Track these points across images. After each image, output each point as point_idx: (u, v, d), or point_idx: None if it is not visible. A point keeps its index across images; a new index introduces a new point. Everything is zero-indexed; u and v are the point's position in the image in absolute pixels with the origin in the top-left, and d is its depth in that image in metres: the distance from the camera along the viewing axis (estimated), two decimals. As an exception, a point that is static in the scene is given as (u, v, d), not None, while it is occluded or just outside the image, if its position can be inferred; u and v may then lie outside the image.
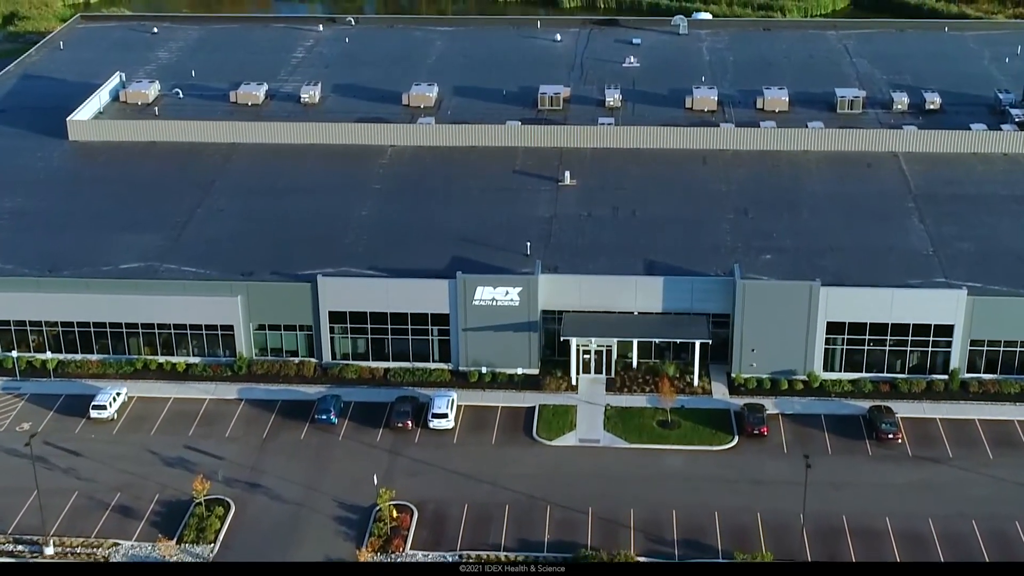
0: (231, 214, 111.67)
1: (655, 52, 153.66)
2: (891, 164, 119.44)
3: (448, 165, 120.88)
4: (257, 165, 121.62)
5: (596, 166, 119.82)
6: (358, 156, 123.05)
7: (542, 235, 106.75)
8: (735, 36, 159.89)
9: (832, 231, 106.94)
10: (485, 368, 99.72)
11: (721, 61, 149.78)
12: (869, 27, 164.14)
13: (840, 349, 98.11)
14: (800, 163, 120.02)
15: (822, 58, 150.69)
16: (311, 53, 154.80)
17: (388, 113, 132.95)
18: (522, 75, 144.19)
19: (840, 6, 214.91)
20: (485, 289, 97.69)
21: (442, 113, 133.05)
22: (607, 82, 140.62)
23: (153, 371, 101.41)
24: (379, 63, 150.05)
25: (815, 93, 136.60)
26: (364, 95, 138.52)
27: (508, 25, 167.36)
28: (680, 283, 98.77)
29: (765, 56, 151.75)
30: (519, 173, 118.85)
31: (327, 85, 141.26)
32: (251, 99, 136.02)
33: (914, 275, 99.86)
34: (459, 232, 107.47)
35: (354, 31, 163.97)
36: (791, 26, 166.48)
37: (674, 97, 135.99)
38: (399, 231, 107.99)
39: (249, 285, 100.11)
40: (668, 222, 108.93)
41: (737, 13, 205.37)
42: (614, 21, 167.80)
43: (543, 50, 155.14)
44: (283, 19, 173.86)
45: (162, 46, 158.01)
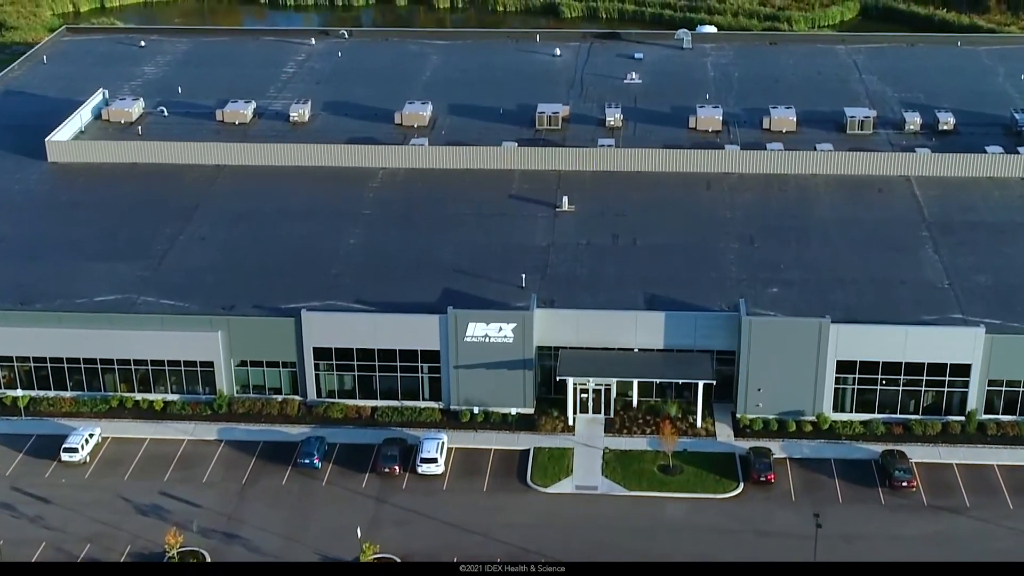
0: (213, 242, 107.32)
1: (658, 67, 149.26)
2: (903, 189, 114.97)
3: (441, 189, 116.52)
4: (242, 188, 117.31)
5: (596, 190, 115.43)
6: (348, 179, 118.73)
7: (538, 265, 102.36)
8: (740, 50, 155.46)
9: (842, 262, 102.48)
10: (477, 408, 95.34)
11: (726, 77, 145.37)
12: (879, 41, 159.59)
13: (851, 389, 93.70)
14: (808, 187, 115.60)
15: (831, 74, 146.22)
16: (302, 68, 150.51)
17: (380, 133, 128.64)
18: (520, 92, 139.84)
19: (849, 17, 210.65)
20: (477, 325, 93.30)
21: (436, 133, 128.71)
22: (608, 100, 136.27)
23: (129, 409, 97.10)
24: (372, 79, 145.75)
25: (824, 112, 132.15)
26: (356, 113, 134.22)
27: (506, 38, 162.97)
28: (683, 319, 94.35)
29: (772, 72, 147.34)
30: (515, 198, 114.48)
31: (318, 102, 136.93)
32: (238, 118, 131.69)
33: (929, 310, 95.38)
34: (451, 262, 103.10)
35: (347, 45, 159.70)
36: (798, 40, 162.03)
37: (677, 116, 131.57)
38: (388, 261, 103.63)
39: (230, 320, 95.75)
40: (670, 251, 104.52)
41: (743, 24, 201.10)
42: (615, 35, 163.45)
43: (542, 65, 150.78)
44: (275, 32, 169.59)
45: (149, 60, 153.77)
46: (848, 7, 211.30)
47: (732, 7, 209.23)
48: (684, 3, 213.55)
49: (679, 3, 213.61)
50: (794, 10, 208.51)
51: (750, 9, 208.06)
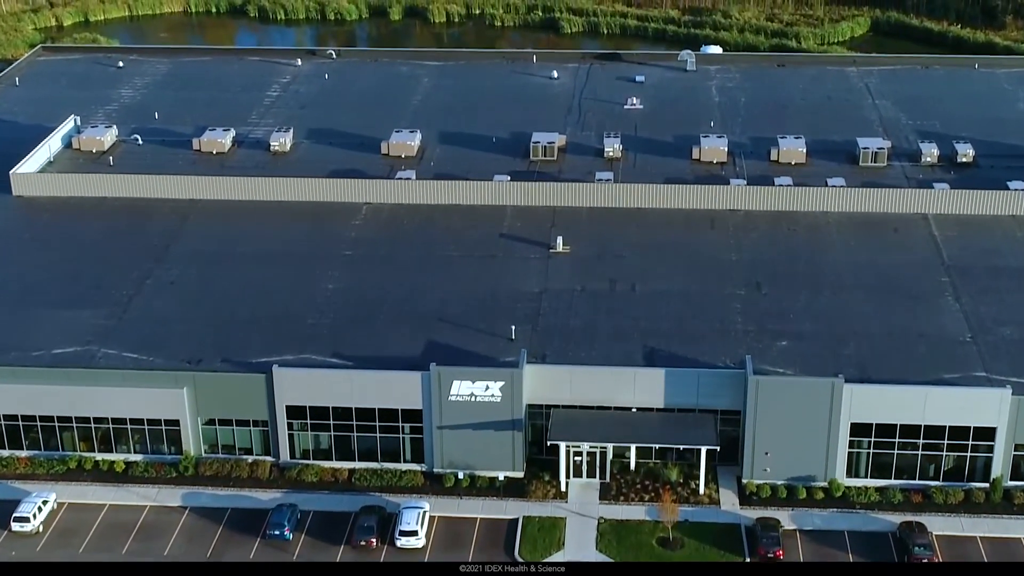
0: (183, 286, 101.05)
1: (660, 92, 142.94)
2: (921, 229, 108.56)
3: (428, 227, 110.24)
4: (217, 226, 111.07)
5: (592, 229, 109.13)
6: (329, 215, 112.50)
7: (529, 315, 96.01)
8: (747, 73, 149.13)
9: (856, 312, 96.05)
10: (462, 471, 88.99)
11: (732, 102, 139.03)
12: (892, 63, 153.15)
13: (866, 453, 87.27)
14: (819, 227, 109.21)
15: (841, 99, 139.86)
16: (287, 91, 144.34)
17: (365, 164, 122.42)
18: (514, 118, 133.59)
19: (859, 32, 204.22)
20: (462, 383, 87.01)
21: (424, 164, 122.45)
22: (607, 128, 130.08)
23: (89, 471, 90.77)
24: (359, 103, 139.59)
25: (835, 142, 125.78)
26: (340, 142, 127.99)
27: (501, 59, 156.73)
28: (684, 376, 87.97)
29: (780, 96, 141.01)
30: (507, 237, 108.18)
31: (301, 130, 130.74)
32: (216, 147, 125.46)
33: (950, 367, 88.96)
34: (436, 310, 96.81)
35: (335, 65, 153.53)
36: (807, 61, 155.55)
37: (680, 146, 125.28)
38: (369, 309, 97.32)
39: (196, 376, 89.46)
40: (671, 299, 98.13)
41: (749, 40, 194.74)
42: (616, 55, 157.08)
43: (538, 89, 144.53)
44: (259, 51, 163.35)
45: (127, 82, 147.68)
46: (858, 23, 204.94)
47: (738, 23, 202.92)
48: (688, 19, 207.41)
49: (683, 18, 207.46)
50: (802, 26, 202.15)
51: (757, 25, 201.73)
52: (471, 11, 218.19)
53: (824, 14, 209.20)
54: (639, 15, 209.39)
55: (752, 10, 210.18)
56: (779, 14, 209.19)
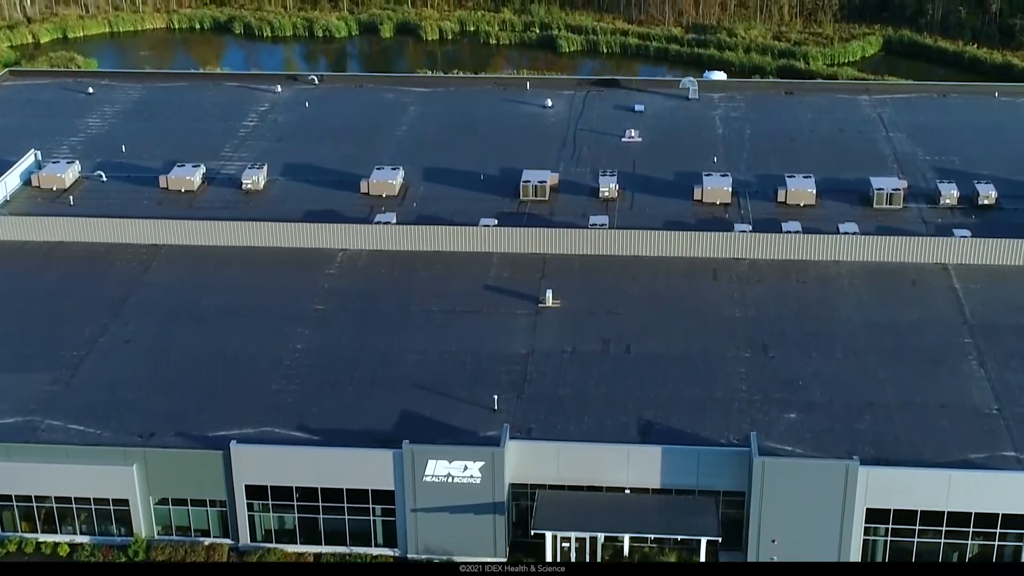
0: (139, 346, 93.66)
1: (660, 122, 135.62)
2: (940, 281, 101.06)
3: (408, 277, 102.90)
4: (180, 275, 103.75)
5: (585, 280, 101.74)
6: (302, 263, 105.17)
7: (515, 380, 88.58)
8: (753, 101, 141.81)
9: (871, 378, 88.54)
10: (438, 557, 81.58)
11: (736, 134, 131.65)
12: (906, 91, 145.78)
13: (883, 541, 79.84)
14: (830, 278, 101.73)
15: (853, 131, 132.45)
16: (264, 121, 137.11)
17: (344, 204, 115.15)
18: (504, 152, 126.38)
19: (870, 52, 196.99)
20: (438, 463, 79.66)
21: (407, 205, 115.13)
22: (603, 164, 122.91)
23: (30, 554, 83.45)
24: (340, 135, 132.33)
25: (846, 181, 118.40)
26: (318, 179, 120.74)
27: (492, 85, 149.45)
28: (683, 455, 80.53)
29: (787, 127, 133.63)
30: (492, 289, 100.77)
31: (276, 165, 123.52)
32: (184, 185, 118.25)
33: (975, 445, 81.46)
34: (413, 375, 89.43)
35: (317, 92, 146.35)
36: (817, 89, 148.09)
37: (681, 184, 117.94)
38: (340, 373, 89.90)
39: (147, 452, 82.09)
40: (670, 362, 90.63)
41: (755, 61, 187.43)
42: (614, 82, 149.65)
43: (531, 119, 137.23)
44: (237, 77, 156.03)
45: (95, 110, 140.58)
46: (870, 42, 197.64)
47: (744, 41, 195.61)
48: (692, 37, 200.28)
49: (686, 37, 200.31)
50: (811, 45, 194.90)
51: (764, 44, 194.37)
52: (465, 28, 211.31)
53: (834, 32, 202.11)
54: (640, 33, 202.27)
55: (758, 27, 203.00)
56: (787, 32, 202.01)
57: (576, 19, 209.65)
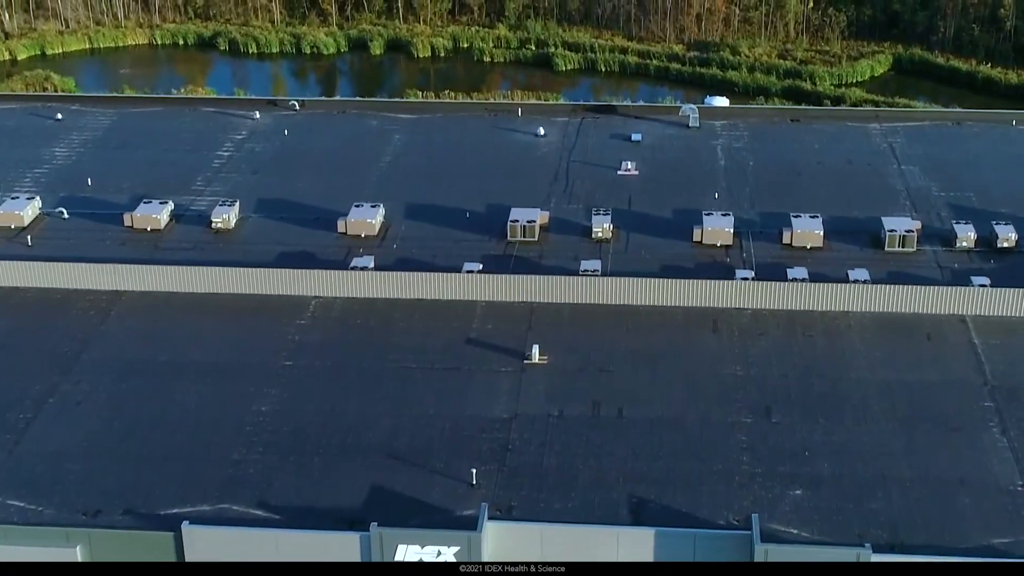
0: (90, 408, 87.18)
1: (658, 153, 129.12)
2: (958, 335, 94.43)
3: (385, 328, 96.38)
4: (140, 326, 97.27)
5: (575, 332, 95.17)
6: (272, 311, 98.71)
7: (496, 450, 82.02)
8: (756, 130, 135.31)
9: (883, 449, 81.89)
10: (411, 649, 75.06)
11: (739, 166, 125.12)
12: (918, 118, 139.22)
13: (898, 635, 73.12)
14: (839, 331, 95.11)
15: (863, 164, 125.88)
16: (240, 150, 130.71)
17: (319, 245, 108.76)
18: (493, 186, 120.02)
19: (879, 71, 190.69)
20: (409, 548, 73.11)
21: (387, 246, 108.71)
22: (597, 200, 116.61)
23: (-36, 643, 77.07)
24: (320, 166, 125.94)
25: (856, 219, 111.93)
26: (293, 216, 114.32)
27: (483, 111, 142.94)
28: (678, 538, 73.93)
29: (793, 159, 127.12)
30: (475, 343, 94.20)
31: (250, 200, 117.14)
32: (150, 223, 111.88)
33: (999, 528, 74.87)
34: (386, 442, 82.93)
35: (297, 118, 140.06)
36: (824, 116, 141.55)
37: (679, 223, 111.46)
38: (306, 440, 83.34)
39: (92, 533, 75.54)
40: (665, 429, 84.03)
41: (760, 82, 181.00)
42: (610, 108, 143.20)
43: (522, 149, 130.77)
44: (215, 101, 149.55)
45: (63, 138, 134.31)
46: (879, 61, 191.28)
47: (748, 60, 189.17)
48: (694, 55, 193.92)
49: (688, 55, 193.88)
50: (818, 64, 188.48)
51: (768, 63, 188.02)
52: (458, 45, 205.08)
53: (842, 50, 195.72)
54: (640, 51, 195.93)
55: (763, 45, 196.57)
56: (792, 50, 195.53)
57: (574, 35, 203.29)
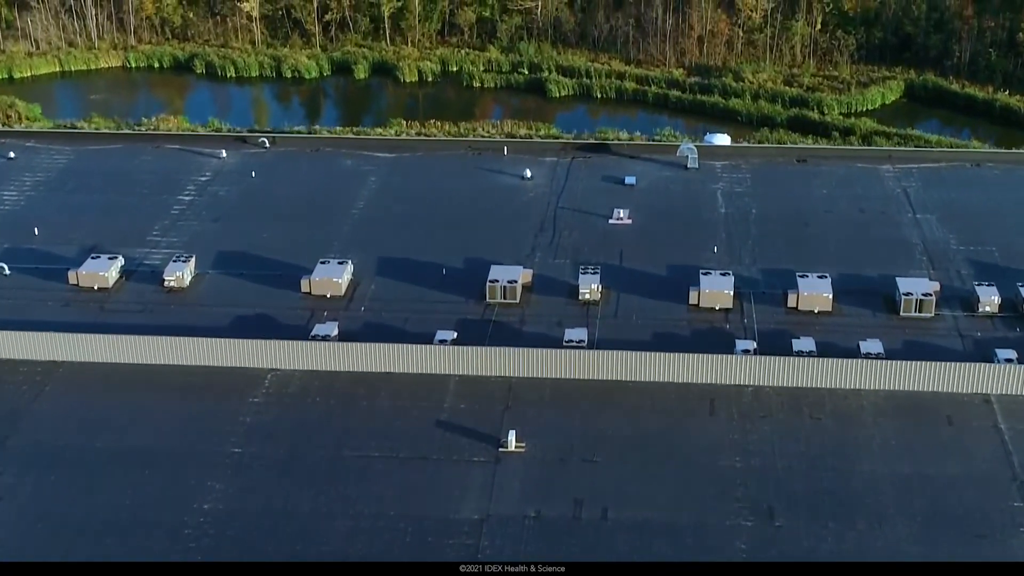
0: (10, 506, 78.46)
1: (654, 199, 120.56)
2: (982, 419, 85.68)
3: (346, 408, 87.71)
4: (76, 405, 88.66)
5: (557, 414, 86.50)
6: (224, 387, 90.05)
7: (464, 557, 73.29)
8: (760, 172, 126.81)
9: (899, 556, 73.04)
10: None
11: (741, 214, 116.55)
12: (934, 159, 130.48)
13: None
14: (850, 414, 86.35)
15: (875, 211, 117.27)
16: (203, 194, 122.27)
17: (281, 307, 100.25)
18: (473, 237, 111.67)
19: (891, 99, 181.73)
20: None
21: (354, 308, 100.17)
22: (585, 253, 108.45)
23: None
24: (287, 214, 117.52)
25: (868, 279, 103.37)
26: (253, 272, 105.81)
27: (466, 149, 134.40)
28: (667, 673, 65.35)
29: (800, 206, 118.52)
30: (445, 427, 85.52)
31: (208, 253, 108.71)
32: (97, 281, 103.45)
33: (1033, 661, 66.09)
34: (339, 549, 74.25)
35: (267, 157, 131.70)
36: (832, 155, 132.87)
37: (675, 282, 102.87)
38: (251, 547, 74.66)
39: (-1, 663, 67.13)
40: (655, 535, 75.30)
41: (764, 111, 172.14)
42: (603, 146, 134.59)
43: (506, 194, 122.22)
44: (179, 137, 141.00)
45: (14, 179, 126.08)
46: (890, 87, 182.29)
47: (752, 87, 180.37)
48: (695, 81, 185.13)
49: (688, 81, 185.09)
50: (826, 91, 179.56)
51: (773, 90, 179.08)
52: (447, 68, 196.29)
53: (851, 75, 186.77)
54: (638, 76, 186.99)
55: (768, 70, 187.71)
56: (799, 75, 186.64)
57: (568, 59, 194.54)
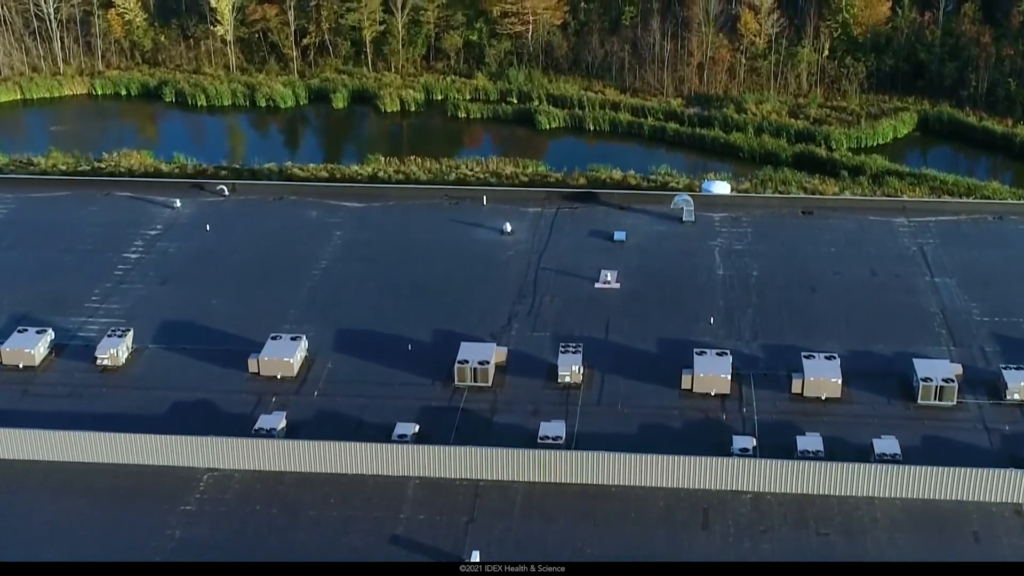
0: None
1: (645, 258, 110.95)
2: (1014, 536, 75.85)
3: (290, 518, 77.90)
4: (-15, 512, 79.12)
5: (527, 527, 76.72)
6: (154, 491, 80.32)
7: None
8: (762, 225, 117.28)
9: None
10: None
11: (741, 278, 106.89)
12: (953, 210, 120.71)
13: None
14: (863, 528, 76.43)
15: (888, 274, 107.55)
16: (152, 251, 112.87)
17: (224, 391, 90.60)
18: (445, 304, 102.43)
19: (904, 132, 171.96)
20: None
21: (306, 393, 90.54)
22: (568, 326, 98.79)
23: None
24: (240, 275, 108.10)
25: (882, 358, 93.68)
26: (198, 348, 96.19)
27: (443, 197, 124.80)
28: None
29: (806, 268, 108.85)
30: (400, 543, 75.71)
31: (150, 324, 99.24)
32: (23, 359, 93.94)
33: None
34: None
35: (225, 207, 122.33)
36: (841, 207, 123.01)
37: (666, 361, 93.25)
38: None
39: None
40: None
41: (768, 147, 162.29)
42: (592, 195, 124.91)
43: (484, 252, 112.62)
44: (132, 184, 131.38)
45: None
46: (903, 120, 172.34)
47: (755, 119, 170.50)
48: (694, 112, 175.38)
49: (687, 112, 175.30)
50: (834, 124, 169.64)
51: (778, 123, 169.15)
52: (431, 96, 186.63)
53: (860, 106, 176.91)
54: (634, 107, 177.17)
55: (772, 100, 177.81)
56: (805, 106, 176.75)
57: (560, 87, 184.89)
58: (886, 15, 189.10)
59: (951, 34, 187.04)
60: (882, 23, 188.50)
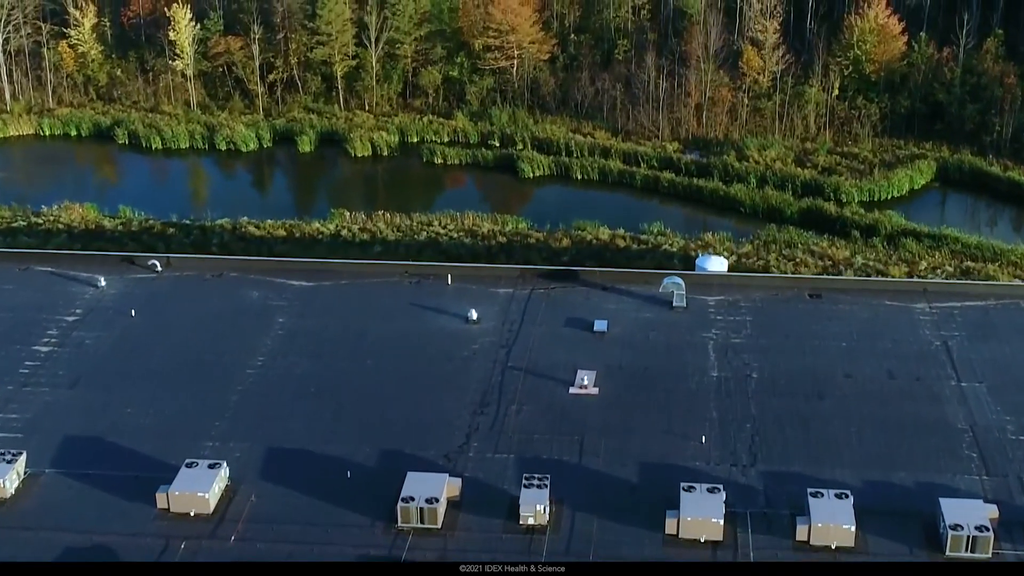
0: None
1: (629, 354, 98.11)
2: None
3: None
4: None
5: None
6: (27, 670, 67.54)
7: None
8: (763, 311, 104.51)
9: None
10: None
11: (737, 381, 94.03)
12: (978, 294, 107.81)
13: None
14: None
15: (908, 377, 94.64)
16: (65, 343, 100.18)
17: (124, 534, 77.70)
18: (394, 417, 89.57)
19: (921, 183, 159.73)
20: None
21: (222, 535, 77.65)
22: (536, 445, 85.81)
23: None
24: (162, 376, 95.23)
25: (902, 490, 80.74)
26: (101, 474, 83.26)
27: (402, 275, 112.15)
28: None
29: (813, 366, 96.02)
30: None
31: (50, 440, 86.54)
32: None
33: None
34: None
35: (157, 285, 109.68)
36: (853, 288, 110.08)
37: (649, 493, 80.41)
38: None
39: None
40: None
41: (772, 202, 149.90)
42: (571, 274, 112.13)
43: (445, 345, 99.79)
44: (56, 256, 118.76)
45: None
46: (919, 169, 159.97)
47: (757, 168, 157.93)
48: (691, 160, 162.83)
49: (684, 160, 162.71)
50: (844, 173, 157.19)
51: (783, 173, 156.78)
52: (406, 139, 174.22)
53: (873, 152, 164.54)
54: (625, 152, 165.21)
55: (777, 146, 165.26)
56: (812, 152, 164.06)
57: (546, 129, 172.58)
58: (901, 51, 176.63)
59: (972, 72, 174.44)
60: (897, 60, 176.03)
